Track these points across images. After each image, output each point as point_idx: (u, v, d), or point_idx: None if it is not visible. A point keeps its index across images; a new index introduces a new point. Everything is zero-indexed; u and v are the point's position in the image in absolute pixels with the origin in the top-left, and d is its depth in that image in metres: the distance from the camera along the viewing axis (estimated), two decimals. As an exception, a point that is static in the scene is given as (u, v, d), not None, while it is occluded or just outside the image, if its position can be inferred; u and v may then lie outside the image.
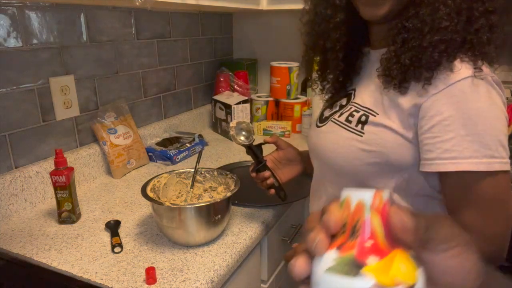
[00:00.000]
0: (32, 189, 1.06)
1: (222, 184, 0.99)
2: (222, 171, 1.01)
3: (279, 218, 1.09)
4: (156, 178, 0.96)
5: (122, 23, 1.35)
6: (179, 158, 1.41)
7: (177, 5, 1.27)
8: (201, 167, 1.00)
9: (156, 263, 0.82)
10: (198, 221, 0.85)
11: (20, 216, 1.03)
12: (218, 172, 1.01)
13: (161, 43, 1.54)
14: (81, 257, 0.85)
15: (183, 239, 0.87)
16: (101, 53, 1.28)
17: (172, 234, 0.87)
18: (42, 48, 1.09)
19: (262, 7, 1.61)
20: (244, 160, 1.39)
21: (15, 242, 0.90)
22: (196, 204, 0.85)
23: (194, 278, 0.77)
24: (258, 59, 2.03)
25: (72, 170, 0.98)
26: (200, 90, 1.84)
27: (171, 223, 0.85)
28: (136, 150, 1.34)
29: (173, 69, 1.64)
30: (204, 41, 1.82)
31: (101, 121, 1.26)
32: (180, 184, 1.01)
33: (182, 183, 1.01)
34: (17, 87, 1.04)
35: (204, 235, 0.87)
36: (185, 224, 0.85)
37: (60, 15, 1.12)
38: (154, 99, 1.55)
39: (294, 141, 1.67)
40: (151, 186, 0.92)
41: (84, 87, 1.24)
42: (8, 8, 0.99)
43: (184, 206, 0.85)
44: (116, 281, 0.76)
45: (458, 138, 0.60)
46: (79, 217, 1.01)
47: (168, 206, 0.84)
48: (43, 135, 1.12)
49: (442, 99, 0.61)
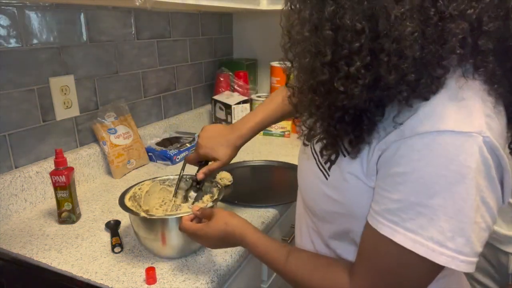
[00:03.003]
0: (32, 189, 1.06)
1: (208, 192, 0.93)
2: (208, 178, 0.94)
3: (279, 218, 1.09)
4: (137, 186, 0.91)
5: (122, 23, 1.35)
6: (179, 158, 1.41)
7: (177, 5, 1.27)
8: (187, 174, 0.95)
9: (156, 263, 0.82)
10: (174, 233, 0.80)
11: (20, 216, 1.03)
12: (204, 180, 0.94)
13: (161, 43, 1.54)
14: (81, 257, 0.85)
15: (158, 251, 0.84)
16: (101, 53, 1.28)
17: (149, 245, 0.84)
18: (42, 48, 1.09)
19: (262, 7, 1.61)
20: (244, 160, 1.39)
21: (15, 242, 0.90)
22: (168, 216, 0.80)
23: (194, 278, 0.77)
24: (258, 59, 2.03)
25: (72, 170, 0.98)
26: (200, 90, 1.84)
27: (148, 235, 0.82)
28: (136, 150, 1.34)
29: (173, 69, 1.64)
30: (204, 41, 1.82)
31: (101, 121, 1.27)
32: (164, 192, 0.96)
33: (166, 190, 0.96)
34: (17, 87, 1.04)
35: (182, 247, 0.83)
36: (158, 235, 0.81)
37: (60, 15, 1.12)
38: (154, 99, 1.55)
39: (294, 141, 1.68)
40: (131, 193, 0.88)
41: (84, 87, 1.24)
42: (8, 8, 0.99)
43: (152, 218, 0.79)
44: (116, 281, 0.76)
45: (406, 204, 0.48)
46: (79, 217, 1.01)
47: (144, 216, 0.79)
48: (43, 135, 1.12)
49: (402, 149, 0.48)
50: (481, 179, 0.46)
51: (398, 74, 0.47)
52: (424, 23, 0.45)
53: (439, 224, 0.46)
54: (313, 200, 0.65)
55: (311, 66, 0.52)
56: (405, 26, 0.45)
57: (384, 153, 0.51)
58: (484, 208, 0.47)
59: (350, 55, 0.48)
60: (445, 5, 0.46)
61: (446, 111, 0.47)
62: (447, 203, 0.46)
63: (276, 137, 1.73)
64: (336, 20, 0.48)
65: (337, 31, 0.48)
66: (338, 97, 0.50)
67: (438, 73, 0.48)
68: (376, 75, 0.48)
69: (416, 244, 0.47)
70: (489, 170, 0.47)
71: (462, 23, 0.46)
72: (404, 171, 0.48)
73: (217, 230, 0.72)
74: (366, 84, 0.48)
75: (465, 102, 0.48)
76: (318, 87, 0.52)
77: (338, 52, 0.49)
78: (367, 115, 0.51)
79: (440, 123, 0.47)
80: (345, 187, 0.57)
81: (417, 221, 0.47)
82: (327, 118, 0.54)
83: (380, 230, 0.51)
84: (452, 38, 0.46)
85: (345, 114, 0.52)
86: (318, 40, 0.50)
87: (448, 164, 0.46)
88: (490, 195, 0.48)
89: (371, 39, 0.47)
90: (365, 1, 0.46)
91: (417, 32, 0.45)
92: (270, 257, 0.67)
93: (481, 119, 0.47)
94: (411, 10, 0.45)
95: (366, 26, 0.46)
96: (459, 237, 0.46)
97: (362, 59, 0.47)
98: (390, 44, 0.46)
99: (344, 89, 0.49)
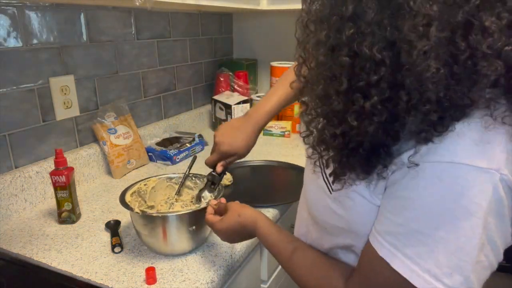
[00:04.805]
0: (32, 189, 1.06)
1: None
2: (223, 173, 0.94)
3: (279, 218, 1.09)
4: (143, 181, 0.93)
5: (122, 23, 1.35)
6: (179, 158, 1.41)
7: (177, 5, 1.27)
8: (194, 173, 0.97)
9: (156, 263, 0.82)
10: (169, 231, 0.81)
11: (20, 216, 1.03)
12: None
13: (161, 43, 1.54)
14: (81, 257, 0.85)
15: (156, 248, 0.85)
16: (101, 53, 1.28)
17: (146, 241, 0.85)
18: (42, 48, 1.09)
19: (262, 7, 1.61)
20: (244, 160, 1.38)
21: (15, 242, 0.90)
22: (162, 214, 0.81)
23: (194, 278, 0.77)
24: (258, 59, 2.03)
25: (72, 170, 0.98)
26: (200, 90, 1.84)
27: (144, 231, 0.83)
28: (136, 150, 1.34)
29: (173, 69, 1.64)
30: (204, 41, 1.82)
31: (101, 121, 1.27)
32: (170, 189, 0.97)
33: (173, 188, 0.97)
34: (17, 87, 1.04)
35: (177, 246, 0.84)
36: (155, 232, 0.82)
37: (60, 15, 1.12)
38: (154, 99, 1.55)
39: (294, 141, 1.68)
40: (135, 189, 0.90)
41: (84, 87, 1.24)
42: (8, 8, 0.99)
43: (150, 215, 0.81)
44: (116, 281, 0.76)
45: (407, 229, 0.46)
46: (79, 217, 1.01)
47: (137, 213, 0.80)
48: (43, 135, 1.12)
49: (412, 174, 0.45)
50: (491, 218, 0.43)
51: (418, 116, 0.43)
52: (452, 60, 0.40)
53: (438, 258, 0.44)
54: (317, 211, 0.63)
55: (325, 92, 0.48)
56: (428, 64, 0.39)
57: (395, 173, 0.48)
58: (489, 247, 0.45)
59: (367, 88, 0.43)
60: (478, 41, 0.39)
61: (463, 142, 0.43)
62: (450, 237, 0.44)
63: (276, 137, 1.73)
64: (354, 47, 0.43)
65: (354, 58, 0.43)
66: (351, 130, 0.46)
67: (465, 103, 0.43)
68: (394, 112, 0.43)
69: (413, 274, 0.45)
70: (502, 209, 0.44)
71: (497, 62, 0.40)
72: (409, 196, 0.46)
73: (231, 222, 0.74)
74: (382, 121, 0.44)
75: (488, 138, 0.44)
76: (332, 116, 0.48)
77: (354, 82, 0.44)
78: (384, 149, 0.47)
79: (455, 154, 0.43)
80: (349, 204, 0.54)
81: (417, 249, 0.45)
82: (339, 148, 0.49)
83: (379, 251, 0.49)
84: (483, 80, 0.41)
85: (360, 147, 0.47)
86: (334, 66, 0.46)
87: (457, 198, 0.43)
88: (498, 234, 0.45)
89: (392, 71, 0.42)
90: (388, 28, 0.41)
91: (442, 70, 0.40)
92: (277, 250, 0.68)
93: (501, 155, 0.43)
94: (437, 44, 0.39)
95: (386, 57, 0.41)
96: (457, 274, 0.44)
97: (380, 93, 0.43)
98: (412, 82, 0.41)
99: (357, 124, 0.45)
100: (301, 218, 0.73)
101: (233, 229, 0.74)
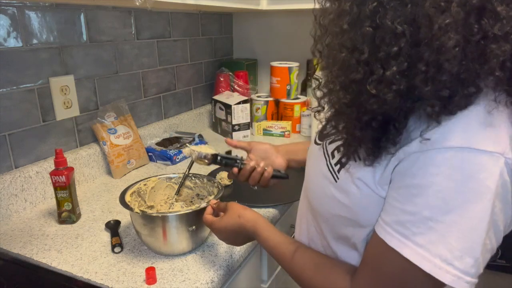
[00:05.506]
0: (32, 189, 1.06)
1: (212, 193, 0.94)
2: (210, 177, 0.96)
3: (279, 218, 1.09)
4: (142, 181, 0.93)
5: (122, 23, 1.35)
6: (179, 158, 1.41)
7: (177, 5, 1.27)
8: (193, 173, 0.97)
9: (156, 263, 0.82)
10: (169, 231, 0.81)
11: (20, 216, 1.03)
12: (207, 178, 0.96)
13: (161, 43, 1.54)
14: (81, 257, 0.85)
15: (156, 248, 0.85)
16: (101, 53, 1.28)
17: (146, 241, 0.85)
18: (42, 48, 1.09)
19: (262, 7, 1.61)
20: (244, 160, 1.38)
21: (15, 242, 0.90)
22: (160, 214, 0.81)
23: (194, 278, 0.77)
24: (258, 59, 2.03)
25: (72, 170, 0.98)
26: (200, 90, 1.84)
27: (143, 231, 0.83)
28: (136, 150, 1.34)
29: (173, 69, 1.64)
30: (204, 41, 1.82)
31: (101, 121, 1.27)
32: (170, 189, 0.97)
33: (172, 188, 0.97)
34: (17, 87, 1.04)
35: (177, 246, 0.84)
36: (154, 232, 0.82)
37: (60, 15, 1.13)
38: (154, 99, 1.55)
39: (294, 141, 1.68)
40: (135, 189, 0.90)
41: (84, 87, 1.24)
42: (8, 8, 0.99)
43: (150, 215, 0.81)
44: (116, 281, 0.76)
45: (418, 217, 0.47)
46: (79, 217, 1.01)
47: (137, 212, 0.80)
48: (43, 135, 1.12)
49: (421, 161, 0.47)
50: (497, 201, 0.45)
51: (434, 86, 0.45)
52: (466, 39, 0.43)
53: (449, 242, 0.45)
54: (319, 201, 0.64)
55: (345, 62, 0.50)
56: (448, 38, 0.42)
57: (401, 163, 0.49)
58: (493, 230, 0.47)
59: (387, 58, 0.46)
60: (490, 24, 0.43)
61: (470, 128, 0.46)
62: (462, 220, 0.45)
63: (276, 137, 1.73)
64: (376, 19, 0.46)
65: (376, 30, 0.46)
66: (368, 99, 0.48)
67: (471, 91, 0.46)
68: (411, 83, 0.46)
69: (424, 260, 0.46)
70: (506, 193, 0.46)
71: (505, 45, 0.43)
72: (420, 184, 0.47)
73: (231, 222, 0.74)
74: (400, 90, 0.46)
75: (492, 122, 0.47)
76: (350, 85, 0.50)
77: (375, 52, 0.46)
78: (395, 125, 0.49)
79: (463, 139, 0.45)
80: (353, 192, 0.55)
81: (428, 236, 0.46)
82: (353, 119, 0.51)
83: (389, 242, 0.49)
84: (492, 59, 0.44)
85: (373, 120, 0.49)
86: (356, 36, 0.48)
87: (468, 181, 0.44)
88: (502, 218, 0.47)
89: (411, 45, 0.44)
90: (409, 4, 0.44)
91: (458, 46, 0.43)
92: (277, 252, 0.68)
93: (506, 141, 0.46)
94: (455, 22, 0.43)
95: (407, 31, 0.44)
96: (468, 257, 0.45)
97: (399, 65, 0.45)
98: (430, 54, 0.44)
99: (376, 92, 0.47)
100: (302, 215, 0.74)
101: (232, 229, 0.74)
